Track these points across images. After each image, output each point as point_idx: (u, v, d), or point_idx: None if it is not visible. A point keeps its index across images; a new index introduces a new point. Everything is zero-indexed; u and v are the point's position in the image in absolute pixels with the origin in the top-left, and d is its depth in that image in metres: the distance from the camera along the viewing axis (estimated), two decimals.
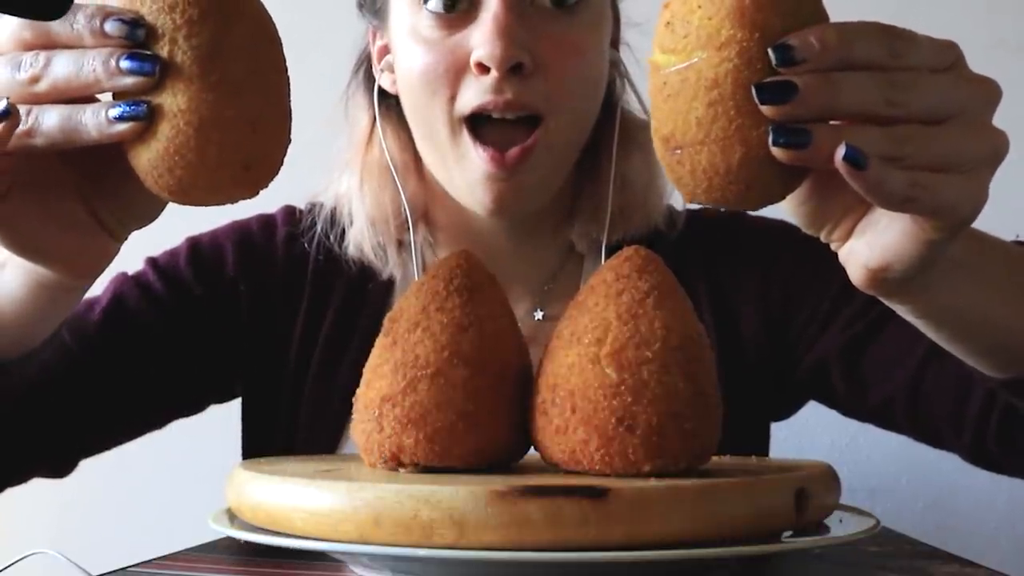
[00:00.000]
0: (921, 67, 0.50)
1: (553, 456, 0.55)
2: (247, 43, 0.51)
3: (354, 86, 0.98)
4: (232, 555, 0.65)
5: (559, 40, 0.83)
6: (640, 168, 0.93)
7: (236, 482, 0.59)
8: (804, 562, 0.62)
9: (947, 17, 1.43)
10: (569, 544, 0.49)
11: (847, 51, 0.48)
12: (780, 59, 0.47)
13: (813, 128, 0.48)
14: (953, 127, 0.51)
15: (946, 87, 0.50)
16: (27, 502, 1.49)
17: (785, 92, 0.47)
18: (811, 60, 0.47)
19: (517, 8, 0.81)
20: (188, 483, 1.43)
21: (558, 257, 0.95)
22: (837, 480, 0.60)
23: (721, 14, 0.47)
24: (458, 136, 0.84)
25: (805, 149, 0.48)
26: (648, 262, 0.55)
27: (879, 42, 0.49)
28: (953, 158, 0.51)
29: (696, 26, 0.48)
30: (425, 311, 0.57)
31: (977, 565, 0.62)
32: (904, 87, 0.49)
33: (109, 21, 0.50)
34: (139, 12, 0.49)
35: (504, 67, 0.80)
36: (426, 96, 0.84)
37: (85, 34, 0.51)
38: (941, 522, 1.05)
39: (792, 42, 0.47)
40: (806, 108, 0.48)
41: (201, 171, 0.50)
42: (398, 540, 0.50)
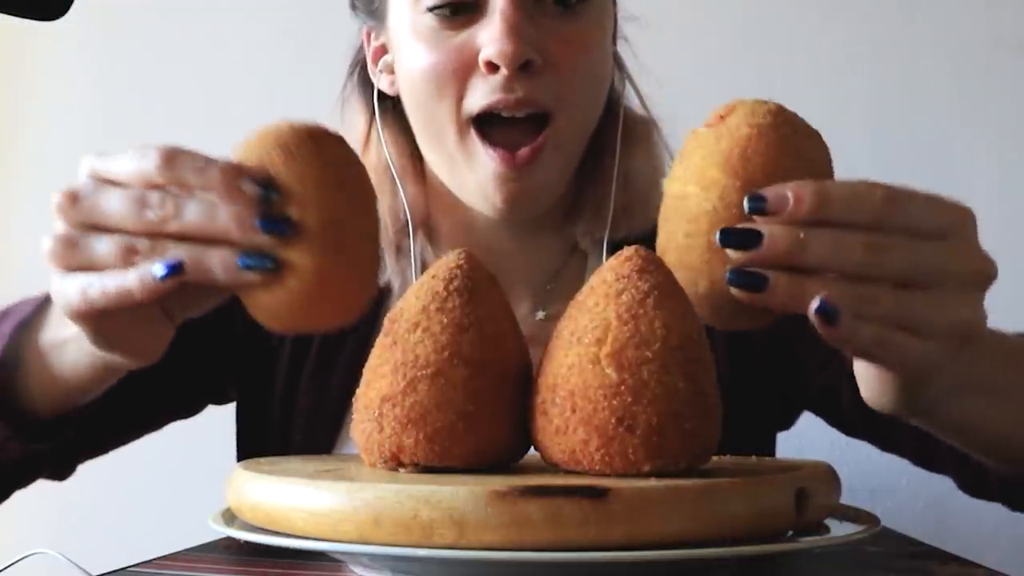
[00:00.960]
0: (906, 231, 0.51)
1: (553, 456, 0.55)
2: (360, 210, 0.57)
3: (349, 88, 0.97)
4: (232, 555, 0.65)
5: (566, 38, 0.83)
6: (642, 165, 0.93)
7: (236, 482, 0.59)
8: (804, 562, 0.62)
9: (947, 16, 1.43)
10: (569, 544, 0.49)
11: (822, 208, 0.50)
12: (751, 208, 0.51)
13: (773, 275, 0.51)
14: (929, 295, 0.52)
15: (928, 256, 0.52)
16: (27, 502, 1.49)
17: (748, 240, 0.51)
18: (782, 213, 0.50)
19: (524, 6, 0.81)
20: (188, 483, 1.43)
21: (560, 256, 0.94)
22: (837, 480, 0.60)
23: (713, 158, 0.52)
24: (467, 137, 0.83)
25: (761, 293, 0.51)
26: (648, 262, 0.55)
27: (864, 204, 0.51)
28: (922, 326, 0.52)
29: (694, 163, 0.53)
30: (425, 311, 0.57)
31: (977, 565, 0.62)
32: (878, 250, 0.51)
33: (246, 181, 0.54)
34: (272, 176, 0.54)
35: (515, 65, 0.79)
36: (432, 96, 0.83)
37: (220, 189, 0.54)
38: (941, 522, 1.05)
39: (766, 193, 0.51)
40: (767, 258, 0.51)
41: (312, 320, 0.57)
42: (398, 540, 0.50)
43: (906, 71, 1.44)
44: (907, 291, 0.52)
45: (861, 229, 0.51)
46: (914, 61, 1.44)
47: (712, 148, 0.53)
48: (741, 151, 0.52)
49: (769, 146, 0.52)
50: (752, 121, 0.53)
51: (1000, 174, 1.42)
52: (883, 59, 1.44)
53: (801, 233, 0.50)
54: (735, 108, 0.54)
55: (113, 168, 0.58)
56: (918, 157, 1.43)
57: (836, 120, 1.43)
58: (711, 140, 0.54)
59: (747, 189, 0.51)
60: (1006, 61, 1.42)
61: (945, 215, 0.53)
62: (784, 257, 0.51)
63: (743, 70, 1.45)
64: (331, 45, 0.98)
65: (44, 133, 1.56)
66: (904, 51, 1.44)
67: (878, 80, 1.44)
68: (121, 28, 1.56)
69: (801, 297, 0.51)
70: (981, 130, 1.42)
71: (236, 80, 1.52)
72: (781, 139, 0.53)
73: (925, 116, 1.44)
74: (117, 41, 1.56)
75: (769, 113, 0.54)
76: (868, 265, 0.51)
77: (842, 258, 0.51)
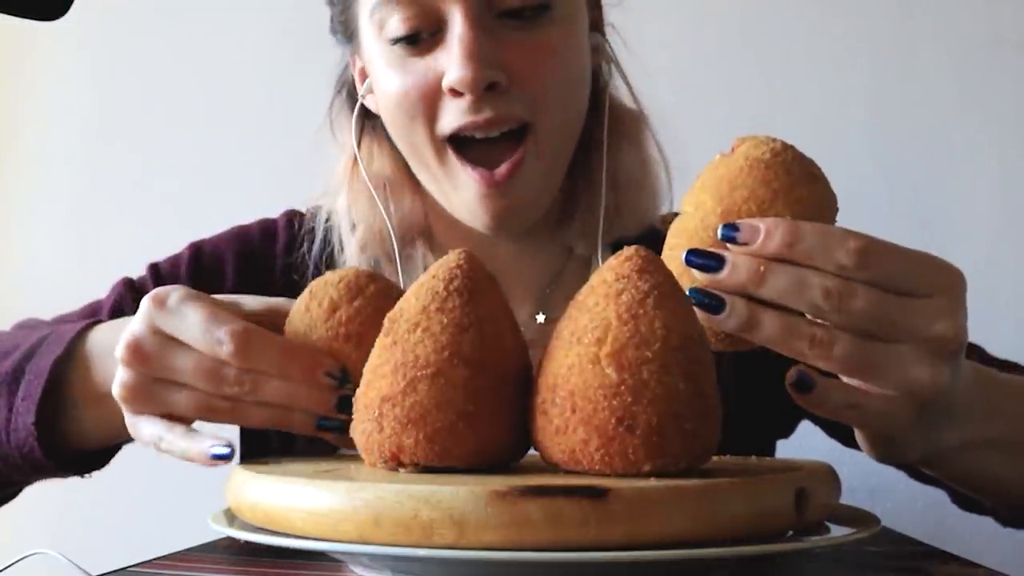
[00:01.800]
0: (874, 283, 0.53)
1: (553, 456, 0.55)
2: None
3: (337, 106, 0.97)
4: (232, 555, 0.65)
5: (531, 47, 0.81)
6: (631, 163, 0.91)
7: (235, 482, 0.59)
8: (804, 562, 0.62)
9: (946, 13, 1.43)
10: (569, 544, 0.48)
11: (790, 248, 0.52)
12: (723, 235, 0.54)
13: (731, 299, 0.54)
14: (888, 348, 0.54)
15: (891, 310, 0.53)
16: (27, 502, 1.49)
17: (710, 263, 0.54)
18: (751, 244, 0.53)
19: (482, 24, 0.79)
20: (188, 483, 1.43)
21: (558, 259, 0.94)
22: (837, 480, 0.60)
23: (708, 184, 0.56)
24: (445, 157, 0.83)
25: (717, 315, 0.54)
26: (648, 262, 0.55)
27: (833, 251, 0.52)
28: (874, 377, 0.54)
29: (696, 186, 0.57)
30: (425, 311, 0.57)
31: (977, 565, 0.62)
32: (839, 297, 0.52)
33: (324, 374, 0.62)
34: (346, 368, 0.63)
35: (477, 90, 0.79)
36: (406, 120, 0.83)
37: (301, 380, 0.61)
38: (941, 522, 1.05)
39: (739, 223, 0.54)
40: (725, 284, 0.54)
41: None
42: (398, 540, 0.50)
43: (906, 68, 1.44)
44: (865, 341, 0.53)
45: (828, 273, 0.53)
46: (914, 58, 1.44)
47: (712, 174, 0.56)
48: (730, 180, 0.55)
49: (756, 180, 0.55)
50: (750, 155, 0.56)
51: (1000, 172, 1.42)
52: (883, 56, 1.44)
53: (762, 266, 0.53)
54: (744, 141, 0.57)
55: (181, 331, 0.62)
56: (918, 155, 1.43)
57: (836, 117, 1.44)
58: (714, 166, 0.57)
59: (726, 216, 0.54)
60: (1006, 59, 1.42)
61: (928, 275, 0.54)
62: (742, 286, 0.53)
63: (743, 66, 1.45)
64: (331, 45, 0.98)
65: (44, 133, 1.56)
66: (904, 48, 1.44)
67: (878, 77, 1.44)
68: (121, 28, 1.56)
69: (755, 326, 0.53)
70: (981, 128, 1.42)
71: (236, 80, 1.52)
72: (770, 176, 0.55)
73: (925, 113, 1.43)
74: (117, 41, 1.56)
75: (770, 151, 0.56)
76: (825, 310, 0.53)
77: (798, 297, 0.53)
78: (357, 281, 0.65)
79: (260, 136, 1.50)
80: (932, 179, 1.43)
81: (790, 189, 0.55)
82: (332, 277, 0.65)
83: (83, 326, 0.77)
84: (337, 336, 0.63)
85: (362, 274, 0.65)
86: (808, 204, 0.55)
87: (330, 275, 0.66)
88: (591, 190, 0.91)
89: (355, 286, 0.64)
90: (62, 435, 0.75)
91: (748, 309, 0.54)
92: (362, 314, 0.63)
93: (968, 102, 1.42)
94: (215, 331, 0.60)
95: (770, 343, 0.54)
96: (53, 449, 0.75)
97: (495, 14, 0.80)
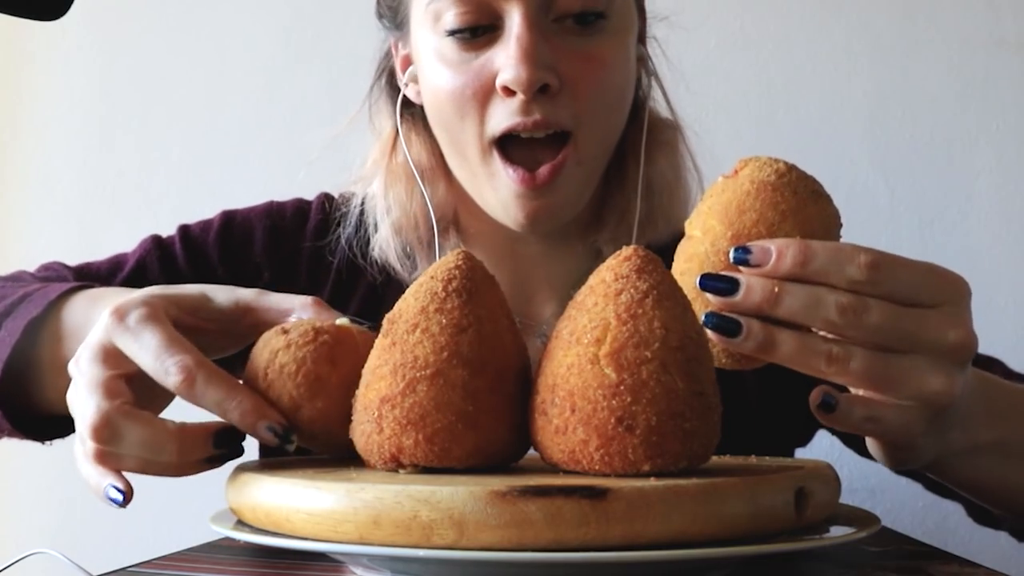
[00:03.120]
0: (887, 296, 0.54)
1: (553, 456, 0.55)
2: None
3: (376, 92, 0.98)
4: (232, 555, 0.65)
5: (584, 55, 0.82)
6: (665, 171, 0.93)
7: (236, 482, 0.59)
8: (804, 562, 0.62)
9: (947, 15, 1.43)
10: (569, 544, 0.48)
11: (802, 267, 0.53)
12: (735, 258, 0.54)
13: (746, 322, 0.54)
14: (905, 360, 0.55)
15: (905, 322, 0.54)
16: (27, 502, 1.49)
17: (725, 286, 0.54)
18: (764, 266, 0.53)
19: (540, 28, 0.81)
20: (188, 483, 1.43)
21: (586, 262, 0.94)
22: (837, 480, 0.60)
23: (715, 208, 0.56)
24: (488, 156, 0.84)
25: (734, 338, 0.54)
26: (647, 262, 0.55)
27: (845, 267, 0.53)
28: (891, 388, 0.55)
29: (703, 210, 0.57)
30: (424, 312, 0.57)
31: (977, 565, 0.62)
32: (853, 313, 0.53)
33: (266, 427, 0.59)
34: (290, 426, 0.61)
35: (531, 90, 0.80)
36: (455, 117, 0.84)
37: (237, 421, 0.60)
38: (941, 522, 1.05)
39: (751, 246, 0.54)
40: (741, 307, 0.54)
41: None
42: (398, 541, 0.50)
43: (906, 69, 1.44)
44: (881, 354, 0.54)
45: (841, 290, 0.53)
46: (914, 59, 1.44)
47: (718, 198, 0.56)
48: (738, 204, 0.56)
49: (764, 203, 0.55)
50: (755, 177, 0.56)
51: (1000, 173, 1.42)
52: (883, 56, 1.44)
53: (776, 287, 0.53)
54: (748, 163, 0.58)
55: (134, 352, 0.61)
56: (918, 157, 1.43)
57: (836, 117, 1.44)
58: (719, 190, 0.57)
59: (737, 240, 0.55)
60: (1007, 59, 1.42)
61: (936, 286, 0.55)
62: (757, 307, 0.54)
63: (743, 70, 1.45)
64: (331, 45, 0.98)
65: (44, 133, 1.56)
66: (904, 48, 1.44)
67: (878, 80, 1.44)
68: (121, 28, 1.56)
69: (772, 347, 0.54)
70: (981, 130, 1.42)
71: (236, 80, 1.52)
72: (778, 198, 0.56)
73: (925, 116, 1.43)
74: (117, 41, 1.56)
75: (775, 173, 0.56)
76: (841, 325, 0.53)
77: (814, 315, 0.53)
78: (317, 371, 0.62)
79: (261, 136, 1.50)
80: (932, 179, 1.43)
81: (797, 209, 0.56)
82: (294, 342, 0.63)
83: (68, 288, 0.76)
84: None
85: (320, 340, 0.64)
86: (816, 222, 0.56)
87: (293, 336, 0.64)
88: (624, 195, 0.92)
89: (314, 377, 0.62)
90: (26, 397, 0.75)
91: (764, 330, 0.54)
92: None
93: (968, 102, 1.42)
94: (165, 360, 0.59)
95: (787, 362, 0.55)
96: (15, 410, 0.74)
97: (552, 18, 0.82)
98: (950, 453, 0.62)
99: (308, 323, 0.64)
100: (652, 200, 0.92)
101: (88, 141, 1.55)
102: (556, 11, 0.81)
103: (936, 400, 0.56)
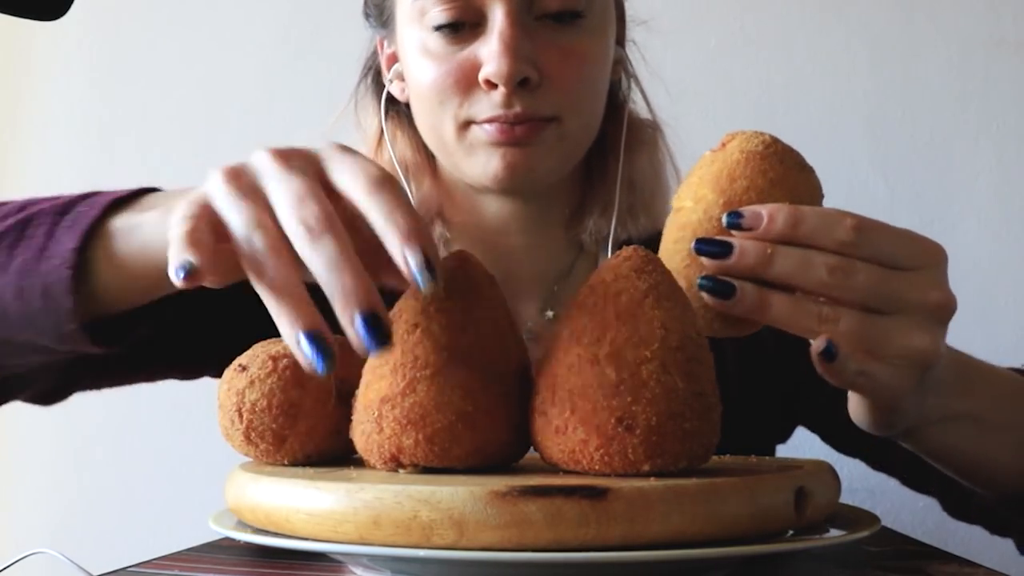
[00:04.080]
0: (872, 259, 0.56)
1: (553, 456, 0.55)
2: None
3: (362, 90, 1.00)
4: (232, 555, 0.65)
5: (564, 50, 0.85)
6: (646, 168, 0.95)
7: (236, 482, 0.59)
8: (804, 562, 0.62)
9: (947, 15, 1.43)
10: (569, 544, 0.48)
11: (793, 229, 0.55)
12: (728, 222, 0.56)
13: (740, 284, 0.56)
14: (890, 319, 0.57)
15: (891, 284, 0.56)
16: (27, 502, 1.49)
17: (720, 249, 0.56)
18: (756, 229, 0.55)
19: (522, 24, 0.83)
20: (188, 483, 1.43)
21: (568, 256, 0.96)
22: (837, 480, 0.60)
23: (706, 178, 0.58)
24: (464, 132, 0.86)
25: (728, 300, 0.56)
26: (647, 262, 0.55)
27: (834, 229, 0.55)
28: (882, 348, 0.57)
29: (692, 182, 0.59)
30: (424, 312, 0.57)
31: (977, 565, 0.62)
32: (843, 273, 0.55)
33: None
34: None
35: (512, 83, 0.82)
36: (436, 104, 0.86)
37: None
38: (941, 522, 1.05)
39: (743, 210, 0.56)
40: (736, 268, 0.56)
41: None
42: (398, 541, 0.50)
43: (906, 68, 1.44)
44: (869, 314, 0.56)
45: (829, 252, 0.55)
46: (914, 58, 1.43)
47: (708, 169, 0.59)
48: (729, 172, 0.58)
49: (754, 171, 0.58)
50: (744, 148, 0.59)
51: (1000, 173, 1.42)
52: (883, 56, 1.44)
53: (769, 249, 0.55)
54: (735, 137, 0.60)
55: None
56: (918, 157, 1.43)
57: (836, 117, 1.44)
58: (708, 163, 0.59)
59: (729, 206, 0.57)
60: (1007, 59, 1.42)
61: (916, 250, 0.58)
62: (751, 269, 0.56)
63: (742, 70, 1.45)
64: (331, 45, 0.99)
65: (44, 133, 1.56)
66: (904, 48, 1.44)
67: (878, 80, 1.44)
68: (121, 28, 1.56)
69: (765, 307, 0.56)
70: (981, 128, 1.42)
71: (236, 80, 1.52)
72: (766, 167, 0.58)
73: (925, 116, 1.43)
74: (117, 41, 1.56)
75: (762, 143, 0.59)
76: (831, 285, 0.55)
77: (806, 275, 0.55)
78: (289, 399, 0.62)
79: (261, 136, 1.49)
80: (932, 179, 1.43)
81: (785, 178, 0.58)
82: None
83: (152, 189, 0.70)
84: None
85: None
86: (803, 190, 0.58)
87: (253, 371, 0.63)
88: (606, 188, 0.95)
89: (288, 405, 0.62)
90: (90, 287, 0.66)
91: (758, 292, 0.56)
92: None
93: (968, 102, 1.42)
94: (301, 199, 0.51)
95: (779, 322, 0.57)
96: (79, 296, 0.65)
97: (534, 16, 0.84)
98: (927, 421, 0.64)
99: (262, 352, 0.64)
100: (634, 194, 0.94)
101: (88, 141, 1.55)
102: (537, 10, 0.84)
103: (922, 358, 0.57)
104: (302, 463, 0.63)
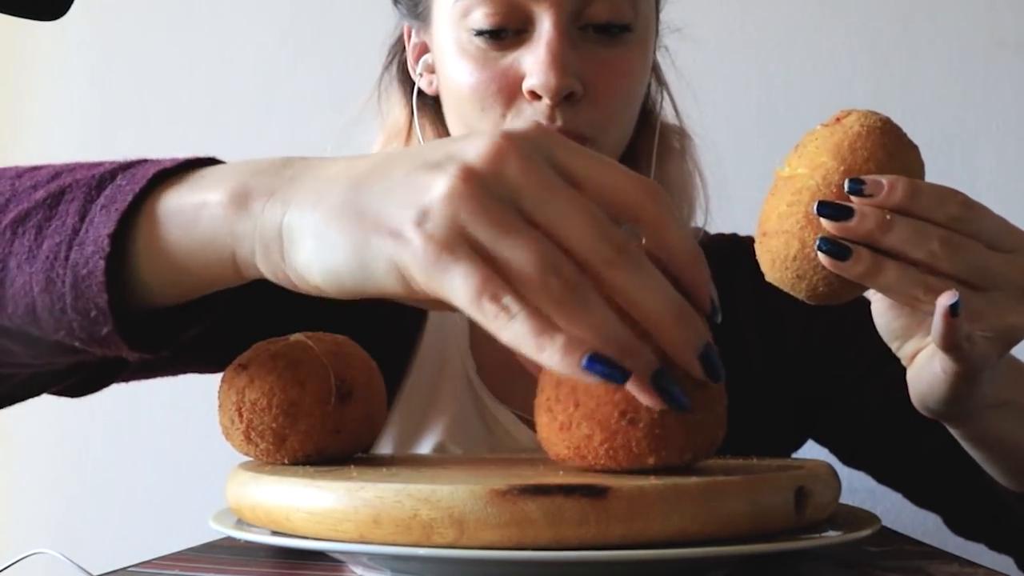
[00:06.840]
0: (978, 237, 0.58)
1: (559, 453, 0.55)
2: None
3: (387, 80, 0.97)
4: (232, 555, 0.65)
5: (608, 65, 0.84)
6: (675, 174, 0.95)
7: (236, 482, 0.59)
8: (804, 562, 0.62)
9: (947, 15, 1.43)
10: (569, 543, 0.48)
11: (910, 200, 0.57)
12: (850, 188, 0.57)
13: (856, 247, 0.57)
14: (988, 296, 0.58)
15: (993, 261, 0.58)
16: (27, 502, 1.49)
17: (841, 213, 0.57)
18: (876, 196, 0.57)
19: (569, 35, 0.82)
20: (188, 483, 1.43)
21: None
22: (837, 479, 0.60)
23: (825, 147, 0.60)
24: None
25: (844, 262, 0.57)
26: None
27: (946, 204, 0.58)
28: (980, 321, 0.58)
29: (808, 151, 0.60)
30: None
31: (977, 565, 0.62)
32: (952, 247, 0.57)
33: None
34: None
35: (558, 97, 0.81)
36: (476, 110, 0.84)
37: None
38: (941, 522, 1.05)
39: (865, 178, 0.57)
40: (855, 232, 0.57)
41: None
42: (398, 540, 0.50)
43: (906, 69, 1.44)
44: (970, 289, 0.57)
45: (940, 226, 0.57)
46: (914, 59, 1.43)
47: (826, 140, 0.60)
48: (850, 143, 0.59)
49: (874, 144, 0.60)
50: (864, 122, 0.61)
51: (1000, 174, 1.42)
52: (883, 56, 1.44)
53: (888, 215, 0.57)
54: (851, 113, 0.62)
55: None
56: None
57: None
58: (826, 134, 0.61)
59: (849, 174, 0.58)
60: (1007, 60, 1.42)
61: (1012, 233, 0.60)
62: (869, 234, 0.57)
63: (742, 70, 1.45)
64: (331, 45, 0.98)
65: (44, 133, 1.56)
66: (904, 49, 1.44)
67: (878, 80, 1.44)
68: (121, 28, 1.56)
69: (878, 272, 0.57)
70: (981, 130, 1.42)
71: (236, 80, 1.52)
72: (885, 141, 0.60)
73: (925, 116, 1.43)
74: (117, 41, 1.56)
75: (879, 120, 0.61)
76: (940, 257, 0.57)
77: (919, 246, 0.57)
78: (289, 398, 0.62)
79: (261, 135, 1.50)
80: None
81: (901, 153, 0.60)
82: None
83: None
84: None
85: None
86: (915, 167, 0.61)
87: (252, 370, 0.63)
88: None
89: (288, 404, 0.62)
90: (126, 278, 0.56)
91: (873, 257, 0.57)
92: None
93: (968, 102, 1.42)
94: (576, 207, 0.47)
95: (888, 289, 0.58)
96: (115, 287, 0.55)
97: (580, 26, 0.83)
98: (984, 404, 0.64)
99: (263, 351, 0.64)
100: None
101: (88, 141, 1.55)
102: (584, 20, 0.82)
103: (1012, 334, 0.59)
104: (302, 462, 0.63)
